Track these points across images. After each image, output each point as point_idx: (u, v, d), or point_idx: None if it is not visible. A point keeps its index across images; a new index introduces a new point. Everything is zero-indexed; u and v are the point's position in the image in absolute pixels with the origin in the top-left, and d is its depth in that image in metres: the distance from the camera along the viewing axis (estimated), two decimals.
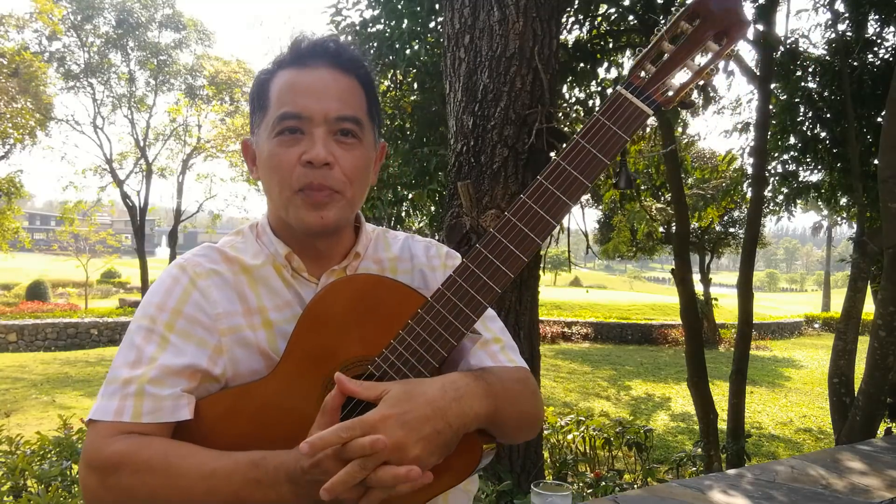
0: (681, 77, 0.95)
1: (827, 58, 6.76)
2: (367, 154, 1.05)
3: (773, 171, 7.72)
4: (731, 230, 18.46)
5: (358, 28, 5.95)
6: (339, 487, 0.79)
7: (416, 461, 0.81)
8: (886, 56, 6.61)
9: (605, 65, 6.11)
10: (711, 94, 6.42)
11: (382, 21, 5.94)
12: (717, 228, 18.25)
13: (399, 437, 0.81)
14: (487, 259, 0.92)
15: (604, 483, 4.01)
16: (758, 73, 6.02)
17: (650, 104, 0.93)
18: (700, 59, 0.95)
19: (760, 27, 5.62)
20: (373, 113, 1.06)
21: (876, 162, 5.17)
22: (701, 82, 0.97)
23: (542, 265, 3.89)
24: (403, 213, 6.83)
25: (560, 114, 3.78)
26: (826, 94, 6.84)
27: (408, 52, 5.64)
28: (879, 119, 6.22)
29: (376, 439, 0.79)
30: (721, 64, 0.97)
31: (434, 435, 0.84)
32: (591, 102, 6.19)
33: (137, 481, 0.87)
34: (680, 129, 8.48)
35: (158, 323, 0.97)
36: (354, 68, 1.04)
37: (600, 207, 14.27)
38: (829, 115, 6.82)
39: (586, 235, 5.11)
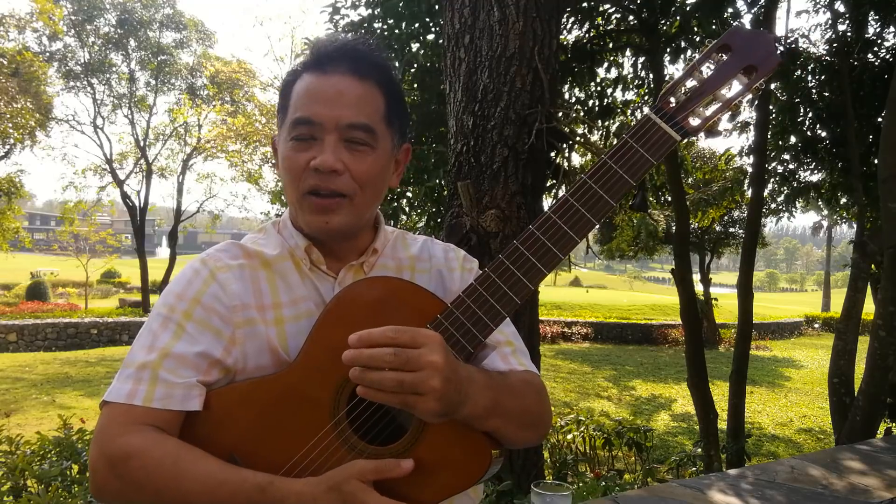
0: (710, 105, 0.97)
1: (827, 58, 6.76)
2: (381, 160, 1.05)
3: (773, 171, 7.73)
4: (731, 230, 18.46)
5: (356, 27, 5.95)
6: (373, 377, 0.82)
7: (431, 391, 0.83)
8: (886, 56, 6.61)
9: (605, 65, 6.12)
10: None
11: (380, 20, 5.94)
12: (717, 228, 18.26)
13: (436, 360, 0.83)
14: (509, 270, 0.93)
15: (604, 483, 4.01)
16: None
17: (678, 130, 0.95)
18: (727, 90, 0.97)
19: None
20: (392, 118, 1.07)
21: (876, 162, 5.16)
22: (728, 112, 0.98)
23: None
24: (400, 211, 6.82)
25: (560, 114, 3.78)
26: (826, 94, 6.84)
27: (407, 51, 5.64)
28: (879, 119, 6.21)
29: (422, 353, 0.82)
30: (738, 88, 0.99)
31: (452, 387, 0.86)
32: (591, 102, 6.20)
33: (145, 477, 0.89)
34: None
35: (176, 311, 1.00)
36: (374, 73, 1.04)
37: None
38: (828, 115, 6.81)
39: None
